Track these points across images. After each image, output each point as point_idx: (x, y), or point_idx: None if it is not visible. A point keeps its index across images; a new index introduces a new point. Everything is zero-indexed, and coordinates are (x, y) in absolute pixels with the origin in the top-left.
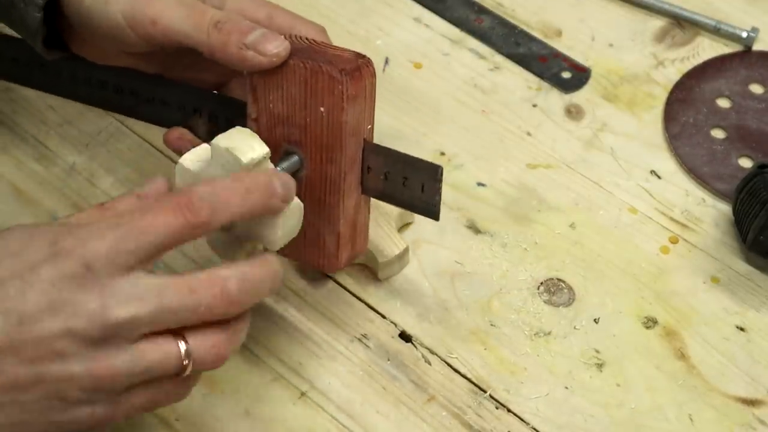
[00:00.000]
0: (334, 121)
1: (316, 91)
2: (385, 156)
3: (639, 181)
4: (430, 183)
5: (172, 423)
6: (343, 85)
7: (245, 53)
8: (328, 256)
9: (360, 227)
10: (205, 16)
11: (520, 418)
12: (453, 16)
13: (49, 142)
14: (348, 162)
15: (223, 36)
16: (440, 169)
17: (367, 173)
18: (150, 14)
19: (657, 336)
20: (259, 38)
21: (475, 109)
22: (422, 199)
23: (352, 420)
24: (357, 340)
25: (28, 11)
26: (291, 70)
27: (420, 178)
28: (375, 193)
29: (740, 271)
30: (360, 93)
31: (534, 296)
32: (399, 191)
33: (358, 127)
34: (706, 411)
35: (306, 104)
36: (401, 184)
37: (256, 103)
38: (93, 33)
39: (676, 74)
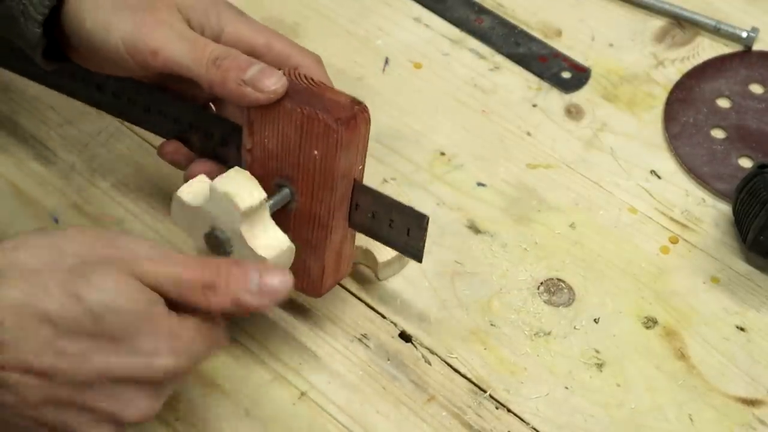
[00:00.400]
0: (326, 165)
1: (311, 135)
2: (374, 197)
3: (639, 181)
4: (415, 230)
5: (172, 423)
6: (338, 134)
7: (243, 90)
8: (312, 283)
9: (345, 256)
10: (204, 51)
11: (520, 418)
12: (453, 16)
13: (49, 142)
14: (337, 201)
15: (221, 72)
16: (426, 218)
17: (354, 210)
18: (151, 45)
19: (657, 336)
20: (257, 74)
21: (475, 109)
22: (408, 242)
23: (352, 420)
24: (357, 340)
25: (27, 26)
26: (287, 113)
27: (406, 223)
28: (361, 228)
29: (740, 271)
30: (354, 140)
31: (534, 296)
32: (385, 231)
33: (349, 170)
34: (706, 411)
35: (300, 145)
36: (388, 225)
37: (251, 136)
38: (93, 54)
39: (676, 74)
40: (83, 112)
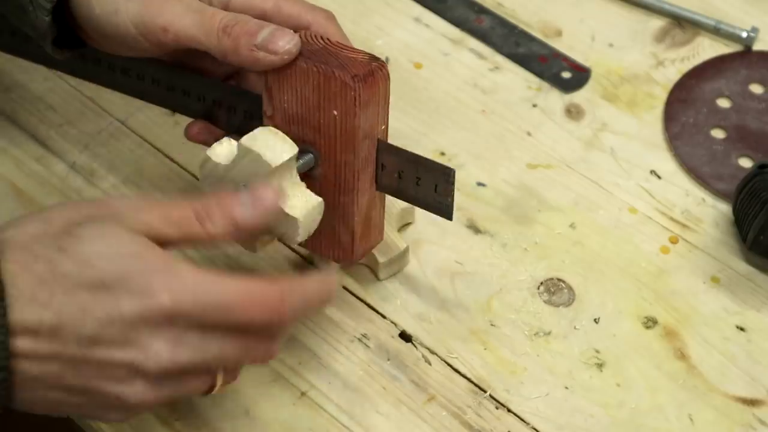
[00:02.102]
0: (347, 124)
1: (329, 95)
2: (399, 156)
3: (639, 181)
4: (443, 185)
5: (172, 423)
6: (355, 92)
7: (256, 54)
8: (343, 250)
9: (374, 221)
10: (214, 21)
11: (520, 418)
12: (453, 16)
13: (49, 142)
14: (361, 162)
15: (232, 40)
16: (452, 171)
17: (381, 171)
18: (160, 23)
19: (657, 336)
20: (268, 37)
21: (475, 109)
22: (436, 198)
23: (352, 420)
24: (357, 340)
25: (37, 14)
26: (304, 74)
27: (433, 179)
28: (389, 190)
29: (740, 271)
30: (373, 98)
31: (534, 296)
32: (413, 190)
33: (371, 129)
34: (706, 411)
35: (320, 106)
36: (415, 183)
37: (271, 102)
38: (104, 38)
39: (676, 74)
40: (83, 112)
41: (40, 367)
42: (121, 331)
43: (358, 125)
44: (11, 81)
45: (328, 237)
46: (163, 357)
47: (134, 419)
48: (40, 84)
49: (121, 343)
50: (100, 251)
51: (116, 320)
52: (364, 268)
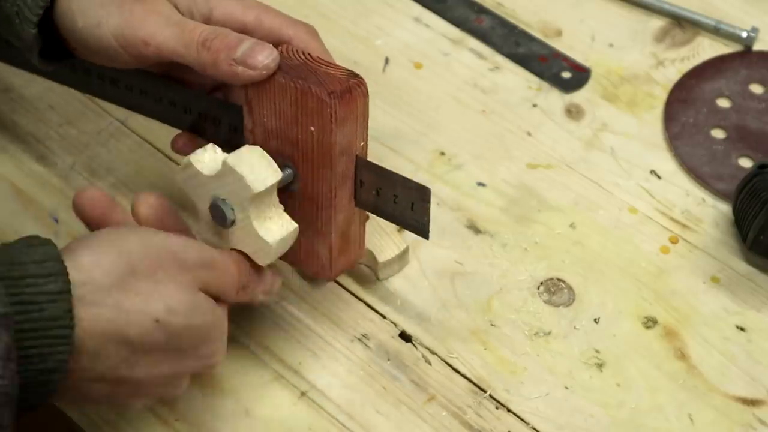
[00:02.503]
0: (324, 140)
1: (306, 111)
2: (376, 173)
3: (639, 181)
4: (419, 203)
5: (172, 423)
6: (331, 108)
7: (235, 69)
8: (321, 266)
9: (353, 238)
10: (194, 34)
11: (520, 418)
12: (453, 16)
13: (49, 142)
14: (338, 178)
15: (212, 54)
16: (428, 191)
17: (360, 187)
18: (141, 36)
19: (657, 336)
20: (247, 51)
21: (475, 109)
22: (413, 217)
23: (352, 420)
24: (357, 340)
25: (23, 27)
26: (282, 89)
27: (410, 198)
28: (368, 206)
29: (740, 271)
30: (350, 115)
31: (534, 296)
32: (390, 207)
33: (349, 146)
34: (706, 411)
35: (297, 122)
36: (392, 201)
37: (251, 115)
38: (88, 50)
39: (676, 74)
40: (83, 112)
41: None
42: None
43: (335, 141)
44: (11, 81)
45: (306, 252)
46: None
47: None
48: (40, 84)
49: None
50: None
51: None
52: (364, 268)
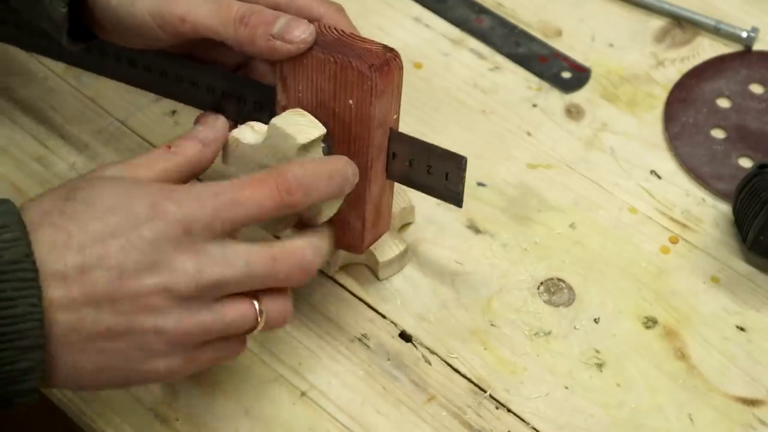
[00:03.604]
0: (362, 113)
1: (345, 84)
2: (410, 144)
3: (639, 181)
4: (454, 172)
5: (172, 423)
6: (372, 81)
7: (273, 44)
8: (353, 238)
9: (384, 210)
10: (230, 11)
11: (520, 418)
12: (453, 16)
13: (49, 142)
14: (375, 151)
15: (249, 30)
16: (464, 159)
17: (392, 159)
18: (178, 13)
19: (657, 336)
20: (284, 27)
21: (475, 109)
22: (447, 186)
23: (352, 420)
24: (357, 340)
25: (53, 5)
26: (320, 64)
27: (445, 167)
28: (400, 178)
29: (740, 271)
30: (388, 87)
31: (534, 296)
32: (423, 178)
33: (384, 118)
34: (706, 411)
35: (335, 96)
36: (426, 171)
37: (285, 92)
38: (120, 29)
39: (676, 74)
40: (83, 112)
41: (77, 314)
42: (144, 255)
43: (374, 114)
44: (11, 81)
45: (338, 225)
46: (190, 272)
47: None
48: (40, 84)
49: (147, 268)
50: (102, 190)
51: (136, 244)
52: (364, 268)
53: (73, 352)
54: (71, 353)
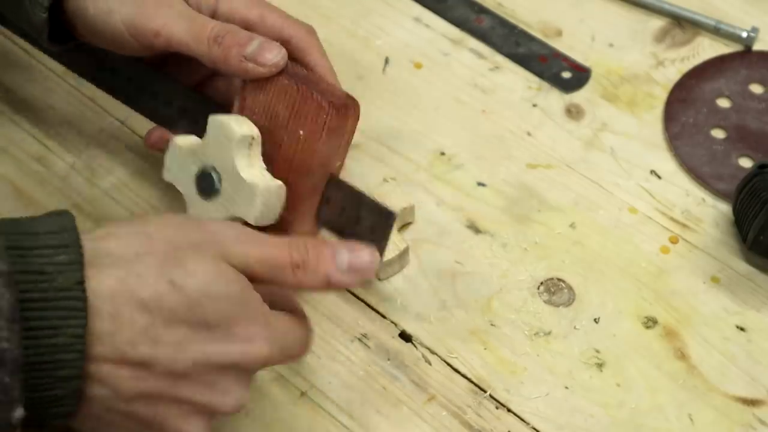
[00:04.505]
0: (309, 146)
1: (301, 114)
2: (346, 192)
3: (639, 181)
4: (380, 226)
5: None
6: (327, 115)
7: (246, 65)
8: None
9: None
10: (205, 29)
11: (520, 418)
12: (453, 16)
13: (49, 142)
14: (309, 189)
15: (223, 50)
16: (393, 215)
17: (326, 204)
18: (152, 27)
19: (657, 336)
20: (257, 49)
21: (475, 109)
22: (371, 239)
23: (352, 420)
24: (357, 340)
25: (34, 11)
26: (283, 89)
27: (371, 220)
28: (328, 224)
29: (740, 271)
30: (340, 129)
31: (534, 296)
32: (351, 227)
33: (328, 160)
34: (706, 411)
35: (287, 124)
36: (354, 221)
37: (241, 109)
38: (97, 36)
39: (676, 74)
40: (83, 112)
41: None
42: (211, 373)
43: (320, 150)
44: (11, 81)
45: None
46: (238, 402)
47: None
48: (40, 84)
49: (207, 384)
50: (209, 291)
51: (212, 362)
52: None
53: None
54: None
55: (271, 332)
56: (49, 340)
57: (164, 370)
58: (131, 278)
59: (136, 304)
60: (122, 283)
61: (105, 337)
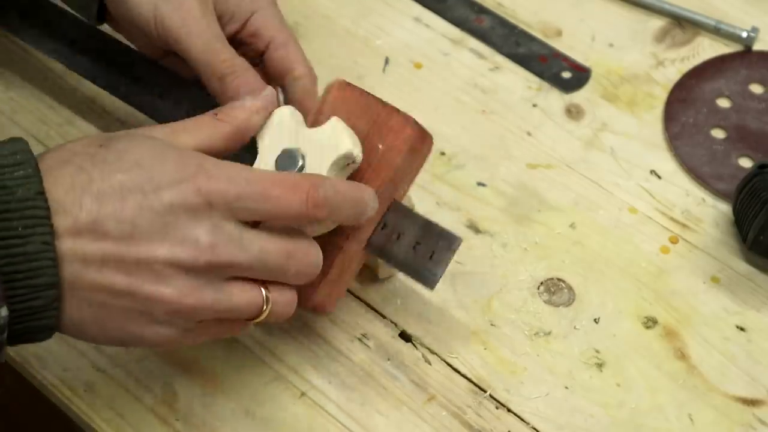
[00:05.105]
0: (387, 160)
1: (383, 129)
2: (407, 218)
3: (639, 181)
4: (443, 252)
5: (172, 423)
6: (412, 132)
7: None
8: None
9: (347, 274)
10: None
11: (520, 418)
12: (453, 16)
13: (49, 142)
14: None
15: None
16: (458, 240)
17: (381, 230)
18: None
19: (657, 336)
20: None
21: (475, 109)
22: (427, 266)
23: (352, 420)
24: (357, 340)
25: None
26: (366, 105)
27: (432, 245)
28: (377, 249)
29: (740, 271)
30: (418, 151)
31: (534, 296)
32: (403, 253)
33: (400, 179)
34: (706, 411)
35: (366, 137)
36: (411, 247)
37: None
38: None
39: (676, 74)
40: (83, 112)
41: (83, 262)
42: (159, 218)
43: (397, 165)
44: (11, 81)
45: None
46: (202, 246)
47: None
48: (40, 84)
49: (159, 233)
50: (136, 145)
51: (155, 206)
52: (365, 268)
53: (78, 299)
54: (76, 300)
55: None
56: (19, 248)
57: (115, 228)
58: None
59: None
60: (57, 162)
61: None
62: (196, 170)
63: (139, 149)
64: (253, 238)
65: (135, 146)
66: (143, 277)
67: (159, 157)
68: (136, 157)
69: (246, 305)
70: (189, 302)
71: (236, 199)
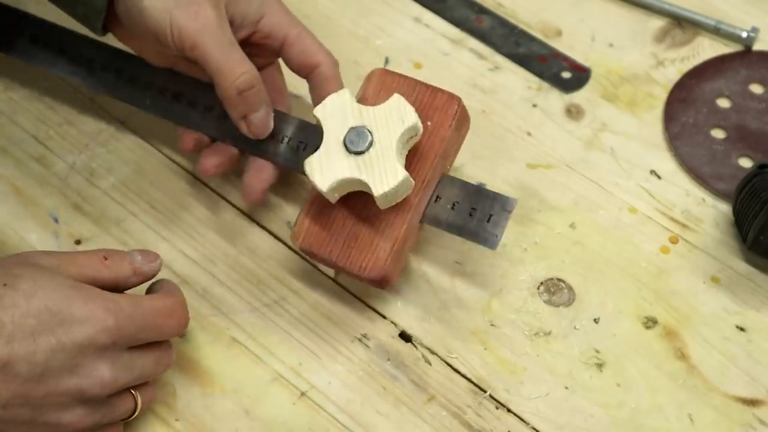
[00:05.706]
0: (437, 136)
1: (429, 108)
2: (460, 188)
3: (639, 181)
4: (500, 214)
5: (171, 423)
6: (458, 107)
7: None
8: (375, 261)
9: (406, 251)
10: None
11: (520, 418)
12: (453, 16)
13: (49, 142)
14: (429, 179)
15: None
16: (513, 202)
17: (434, 202)
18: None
19: (657, 336)
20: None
21: (475, 109)
22: (486, 228)
23: (352, 420)
24: (357, 340)
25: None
26: (410, 87)
27: (488, 210)
28: (434, 220)
29: (740, 271)
30: (463, 125)
31: (534, 296)
32: (461, 219)
33: (450, 151)
34: (706, 411)
35: None
36: (468, 213)
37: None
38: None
39: (676, 74)
40: (83, 112)
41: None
42: (70, 358)
43: (446, 138)
44: (11, 81)
45: (363, 247)
46: (106, 380)
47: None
48: (40, 84)
49: (68, 370)
50: (41, 286)
51: (67, 348)
52: None
53: None
54: None
55: (114, 306)
56: None
57: (26, 365)
58: None
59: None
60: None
61: None
62: (103, 312)
63: (44, 292)
64: (136, 359)
65: (40, 288)
66: (47, 408)
67: (66, 299)
68: (45, 301)
69: (124, 412)
70: (85, 424)
71: (135, 334)
